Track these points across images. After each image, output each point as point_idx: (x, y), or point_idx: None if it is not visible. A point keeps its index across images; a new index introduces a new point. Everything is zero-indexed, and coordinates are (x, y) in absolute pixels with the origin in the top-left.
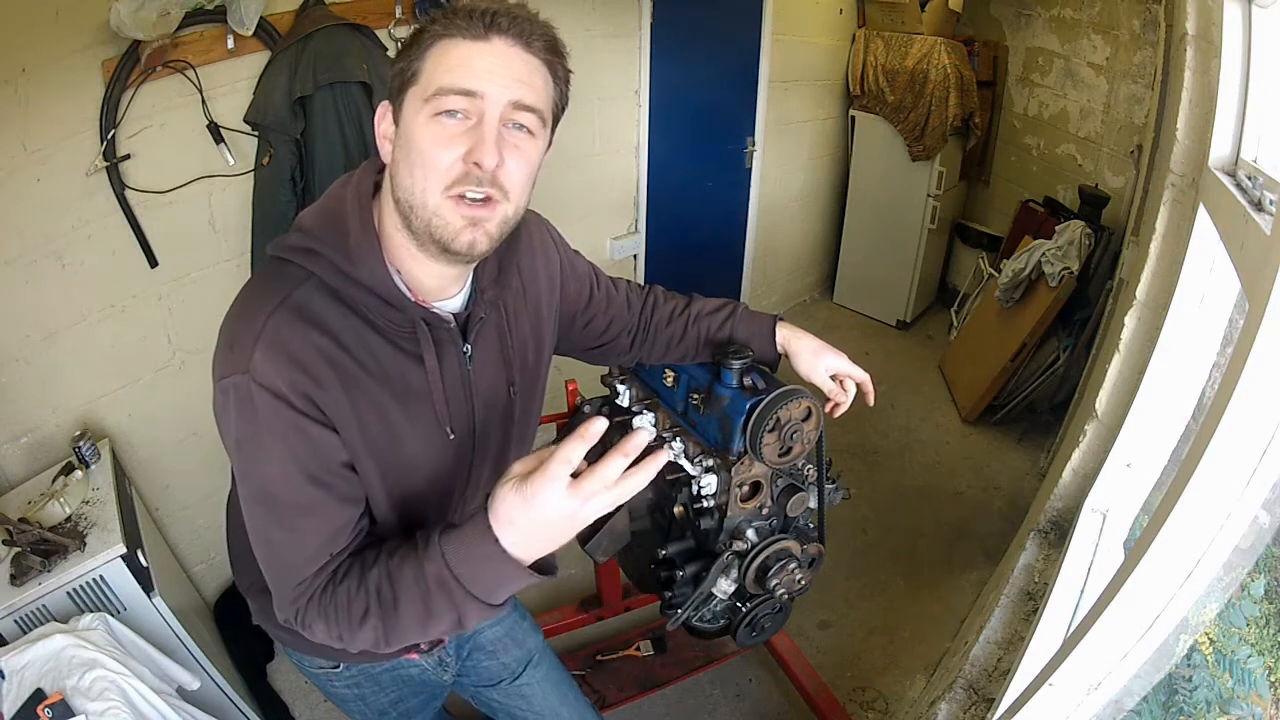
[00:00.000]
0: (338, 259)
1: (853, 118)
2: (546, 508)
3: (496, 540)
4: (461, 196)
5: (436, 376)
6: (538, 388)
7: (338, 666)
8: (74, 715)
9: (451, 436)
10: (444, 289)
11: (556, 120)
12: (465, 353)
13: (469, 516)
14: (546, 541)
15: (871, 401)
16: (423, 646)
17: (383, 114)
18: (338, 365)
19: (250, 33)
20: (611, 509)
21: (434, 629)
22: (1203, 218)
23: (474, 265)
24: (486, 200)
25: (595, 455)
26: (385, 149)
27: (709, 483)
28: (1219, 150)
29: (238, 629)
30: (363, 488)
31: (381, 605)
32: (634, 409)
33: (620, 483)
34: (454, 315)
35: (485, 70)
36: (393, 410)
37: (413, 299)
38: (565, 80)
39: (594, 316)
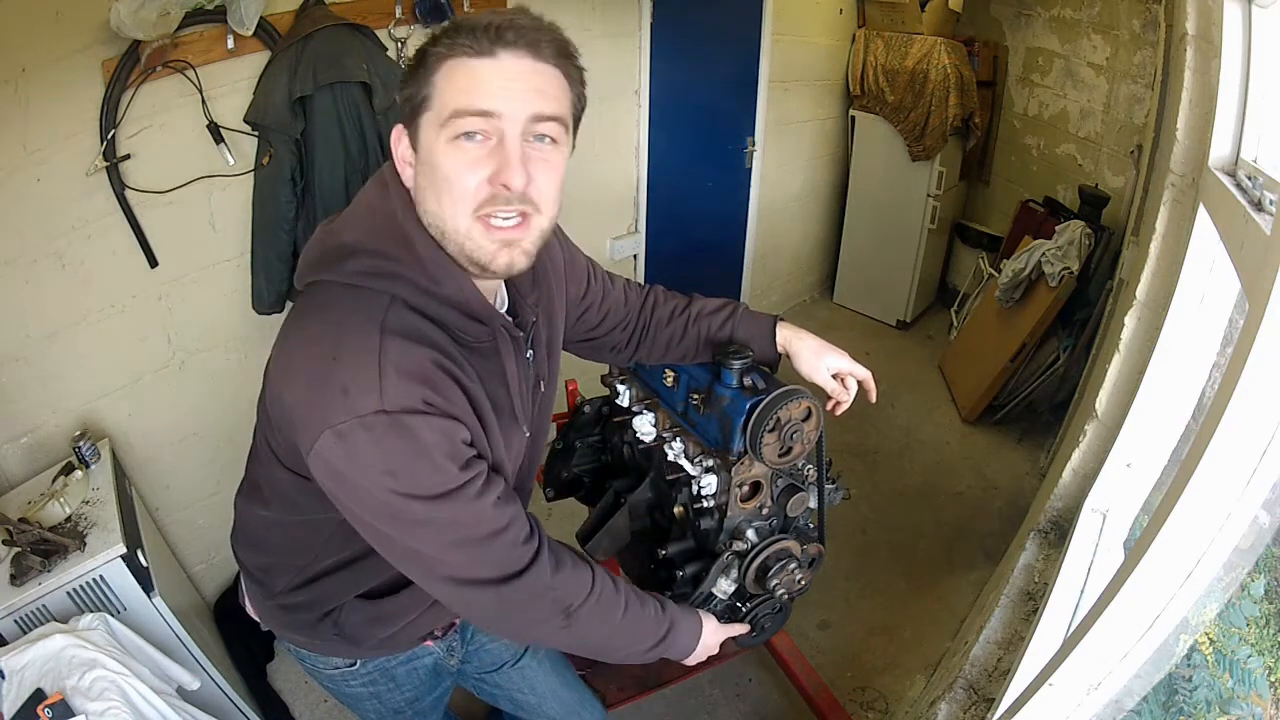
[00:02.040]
0: (420, 279)
1: (853, 118)
2: (717, 635)
3: (702, 627)
4: (489, 219)
5: (516, 382)
6: (556, 378)
7: (354, 664)
8: (74, 715)
9: (528, 435)
10: (490, 298)
11: (578, 122)
12: (529, 357)
13: (691, 610)
14: (704, 649)
15: (874, 399)
16: (436, 633)
17: (398, 138)
18: (451, 373)
19: (250, 33)
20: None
21: (644, 637)
22: (1203, 218)
23: None
24: (521, 220)
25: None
26: (406, 174)
27: (709, 483)
28: (1219, 150)
29: (238, 629)
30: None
31: (630, 599)
32: (634, 409)
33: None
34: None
35: (499, 89)
36: (491, 418)
37: (493, 308)
38: (581, 81)
39: (588, 308)
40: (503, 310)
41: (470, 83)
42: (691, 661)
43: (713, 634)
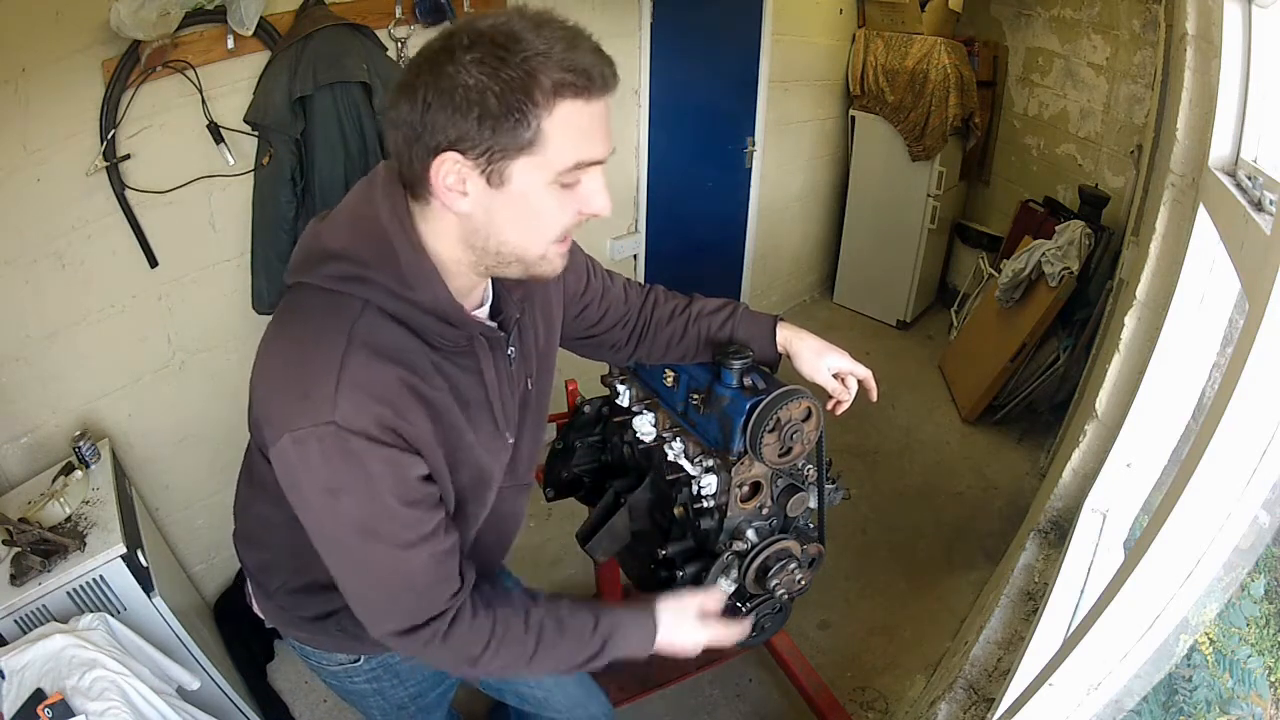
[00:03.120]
0: (393, 284)
1: (853, 118)
2: (688, 627)
3: (656, 625)
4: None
5: (494, 386)
6: (550, 375)
7: (358, 660)
8: (74, 715)
9: (510, 440)
10: (474, 295)
11: None
12: (510, 355)
13: (641, 607)
14: (675, 642)
15: (874, 397)
16: None
17: (451, 169)
18: (418, 392)
19: (250, 33)
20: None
21: (567, 663)
22: (1203, 218)
23: None
24: None
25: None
26: (457, 203)
27: (709, 483)
28: (1219, 150)
29: (238, 629)
30: (440, 492)
31: (543, 634)
32: (634, 409)
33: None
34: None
35: (604, 135)
36: (463, 423)
37: (469, 316)
38: None
39: (588, 305)
40: (488, 304)
41: (587, 132)
42: (681, 654)
43: (677, 633)
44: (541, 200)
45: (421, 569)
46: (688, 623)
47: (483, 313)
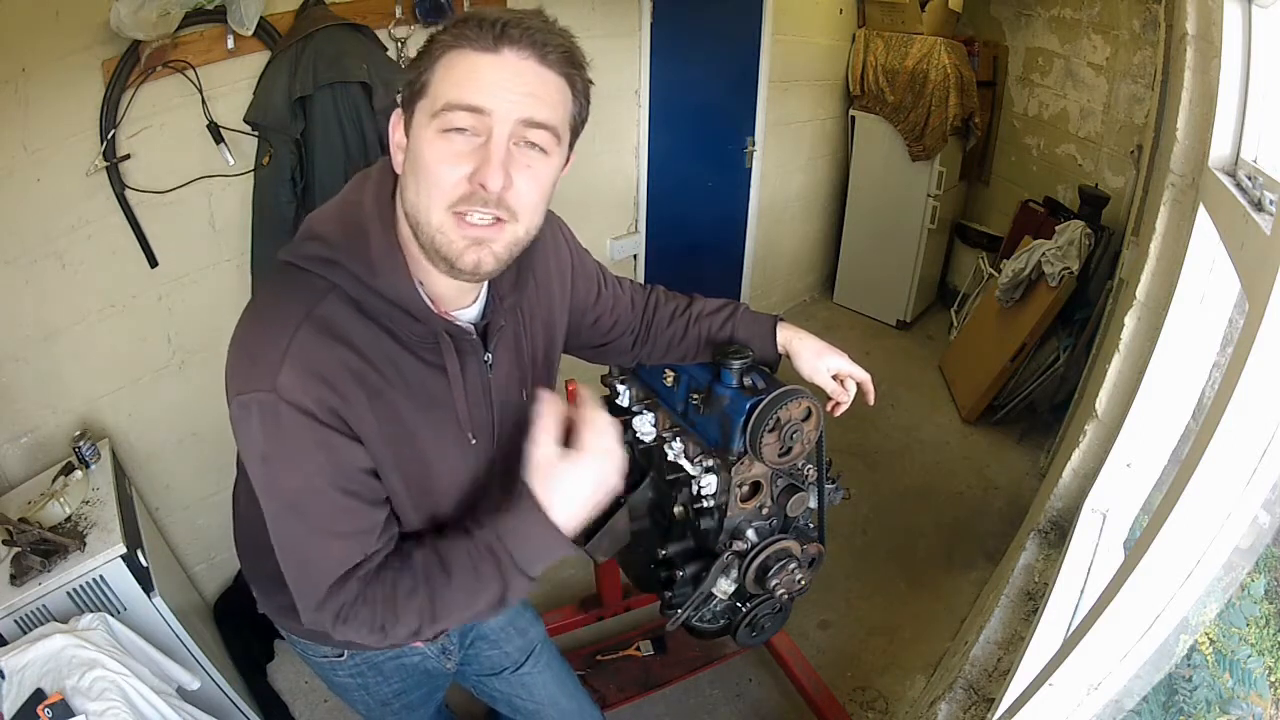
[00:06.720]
0: (360, 271)
1: (853, 118)
2: (575, 480)
3: (541, 508)
4: (464, 216)
5: (459, 386)
6: (549, 386)
7: (341, 655)
8: (74, 715)
9: (474, 442)
10: (461, 297)
11: (576, 135)
12: (486, 361)
13: (514, 498)
14: (583, 505)
15: (872, 401)
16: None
17: (396, 122)
18: (364, 380)
19: (250, 33)
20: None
21: (481, 600)
22: (1203, 218)
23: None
24: (495, 223)
25: None
26: (398, 159)
27: (709, 483)
28: (1219, 150)
29: (238, 629)
30: (386, 490)
31: (430, 579)
32: (634, 409)
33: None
34: (474, 325)
35: (494, 85)
36: (417, 420)
37: (435, 311)
38: (585, 94)
39: (601, 315)
40: (478, 309)
41: (467, 76)
42: (599, 509)
43: (574, 498)
44: (426, 146)
45: (339, 562)
46: (572, 477)
47: (468, 314)
